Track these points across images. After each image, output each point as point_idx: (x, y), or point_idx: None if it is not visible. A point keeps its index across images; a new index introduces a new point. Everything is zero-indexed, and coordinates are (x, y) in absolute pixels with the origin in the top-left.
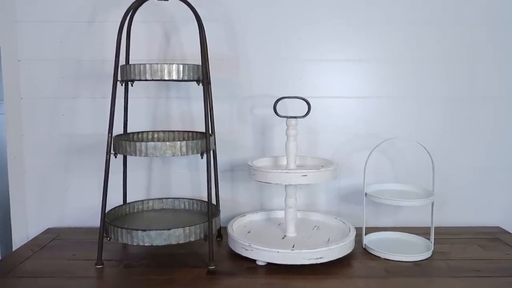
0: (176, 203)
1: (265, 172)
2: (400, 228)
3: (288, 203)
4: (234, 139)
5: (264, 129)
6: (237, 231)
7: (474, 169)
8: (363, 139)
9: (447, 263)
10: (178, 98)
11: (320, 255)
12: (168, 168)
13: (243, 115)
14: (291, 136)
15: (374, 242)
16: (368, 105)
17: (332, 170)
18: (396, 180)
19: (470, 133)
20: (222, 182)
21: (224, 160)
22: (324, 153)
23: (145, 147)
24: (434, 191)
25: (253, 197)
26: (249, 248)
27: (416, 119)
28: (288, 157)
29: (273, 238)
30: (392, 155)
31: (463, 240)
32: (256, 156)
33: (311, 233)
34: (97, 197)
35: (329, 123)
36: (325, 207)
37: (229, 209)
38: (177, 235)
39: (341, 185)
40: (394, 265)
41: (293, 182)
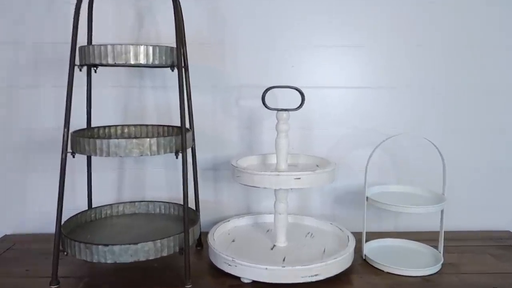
0: (150, 207)
1: (251, 174)
2: (403, 233)
3: (278, 208)
4: (218, 135)
5: (251, 123)
6: (220, 240)
7: (481, 169)
8: (363, 134)
9: (459, 278)
10: (153, 87)
11: (316, 271)
12: (142, 167)
13: (228, 107)
14: (282, 132)
15: (375, 252)
16: (369, 96)
17: (329, 172)
18: (399, 181)
19: (478, 129)
20: (204, 183)
21: (206, 157)
22: (319, 150)
23: (107, 145)
24: (444, 194)
25: (239, 199)
26: (232, 263)
27: (421, 113)
28: (279, 156)
29: (260, 249)
30: (395, 153)
31: (472, 248)
32: (242, 153)
33: (304, 242)
34: None
35: (325, 116)
36: (318, 210)
37: (211, 213)
38: (146, 250)
39: (336, 185)
40: (400, 281)
41: (285, 186)
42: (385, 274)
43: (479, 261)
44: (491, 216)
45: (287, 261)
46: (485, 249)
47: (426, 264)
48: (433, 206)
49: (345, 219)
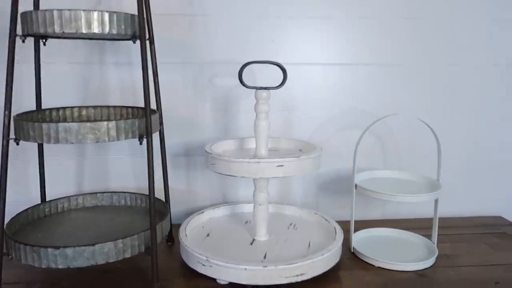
0: (114, 198)
1: (228, 161)
2: (391, 221)
3: (258, 199)
4: (189, 117)
5: (227, 104)
6: (193, 234)
7: (472, 153)
8: (349, 116)
9: (456, 272)
10: (117, 64)
11: (301, 270)
12: (104, 153)
13: (201, 86)
14: (261, 113)
15: (364, 244)
16: (357, 74)
17: (315, 158)
18: (387, 166)
19: (470, 111)
20: (174, 170)
21: (176, 143)
22: (301, 133)
23: (55, 130)
24: (439, 180)
25: (214, 188)
26: (206, 263)
27: (412, 93)
28: (258, 140)
29: (239, 244)
30: (383, 136)
31: (466, 237)
32: (217, 138)
33: (287, 235)
34: (11, 193)
35: (309, 96)
36: (301, 198)
37: (184, 203)
38: (106, 252)
39: (320, 171)
40: (393, 277)
41: (266, 175)
42: (376, 269)
43: (475, 252)
44: (482, 201)
45: (269, 259)
46: (479, 238)
47: (420, 257)
48: (428, 194)
49: (330, 208)
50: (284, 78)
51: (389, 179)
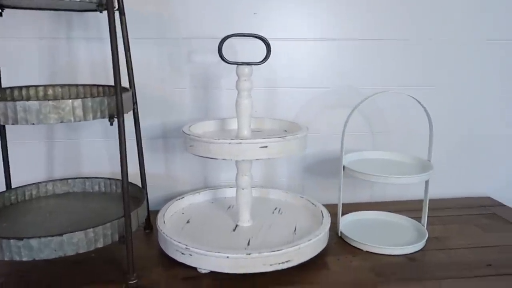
0: (87, 184)
1: (207, 142)
2: (379, 204)
3: (241, 183)
4: (166, 96)
5: (207, 82)
6: (172, 221)
7: (460, 132)
8: (336, 94)
9: (447, 255)
10: (87, 39)
11: (287, 257)
12: (76, 136)
13: (178, 63)
14: (243, 91)
15: (352, 227)
16: (345, 50)
17: (301, 138)
18: (376, 147)
19: (459, 89)
20: (152, 154)
21: (153, 124)
22: (286, 113)
23: (13, 109)
24: (431, 161)
25: (194, 171)
26: (186, 251)
27: (403, 69)
28: (240, 120)
29: (221, 230)
30: (372, 115)
31: (456, 219)
32: (197, 118)
33: (271, 220)
34: None
35: (294, 73)
36: (286, 181)
37: (162, 189)
38: (75, 243)
39: (306, 153)
40: (382, 261)
41: (248, 157)
42: (365, 254)
43: (465, 234)
44: (470, 182)
45: (253, 245)
46: (469, 219)
47: (410, 240)
48: (419, 176)
49: (317, 190)
50: (268, 53)
51: (378, 160)
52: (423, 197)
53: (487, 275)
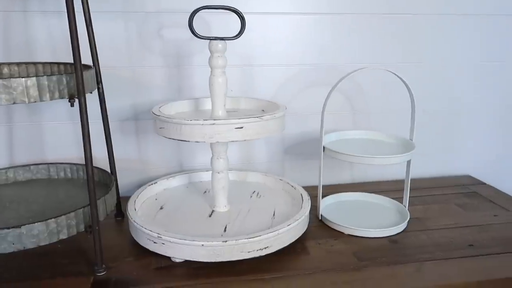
0: (52, 171)
1: (178, 124)
2: (360, 185)
3: (216, 166)
4: (136, 76)
5: (179, 60)
6: (145, 208)
7: (438, 109)
8: (315, 72)
9: (429, 236)
10: (44, 13)
11: (265, 243)
12: (39, 119)
13: (148, 40)
14: (217, 68)
15: (332, 210)
16: (324, 24)
17: (279, 118)
18: (357, 126)
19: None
20: (123, 137)
21: (124, 105)
22: (264, 92)
23: None
24: (413, 140)
25: (168, 155)
26: (158, 240)
27: (383, 46)
28: (214, 99)
29: (196, 216)
30: (352, 93)
31: (436, 198)
32: (170, 98)
33: (249, 204)
34: None
35: (271, 50)
36: (265, 163)
37: (135, 174)
38: (36, 235)
39: (285, 133)
40: (364, 244)
41: (223, 139)
42: (346, 237)
43: (447, 213)
44: (449, 160)
45: (229, 232)
46: (449, 198)
47: (391, 222)
48: (401, 155)
49: (297, 172)
50: (242, 27)
51: (359, 139)
52: (404, 177)
53: (469, 256)
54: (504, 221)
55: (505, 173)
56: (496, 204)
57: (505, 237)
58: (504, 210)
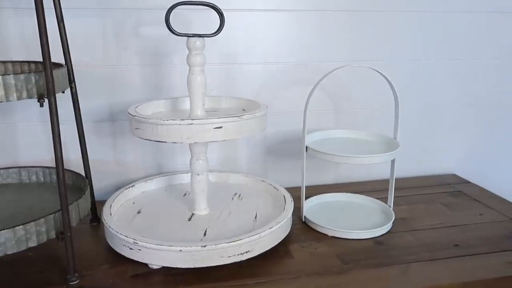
0: (23, 175)
1: (154, 124)
2: (345, 185)
3: (196, 168)
4: (113, 75)
5: (157, 58)
6: (121, 213)
7: (422, 107)
8: (298, 70)
9: (415, 237)
10: (16, 9)
11: (246, 247)
12: (9, 120)
13: (124, 37)
14: (195, 66)
15: (316, 211)
16: (306, 21)
17: (260, 117)
18: (340, 125)
19: (422, 59)
20: (99, 138)
21: (100, 105)
22: (245, 91)
23: None
24: (397, 139)
25: (147, 156)
26: (134, 246)
27: (365, 43)
28: (193, 98)
29: (175, 220)
30: (335, 92)
31: (421, 198)
32: (148, 98)
33: (230, 207)
34: None
35: (252, 48)
36: (247, 164)
37: (113, 176)
38: (2, 242)
39: (267, 133)
40: (349, 247)
41: (202, 139)
42: (330, 239)
43: (432, 213)
44: (434, 159)
45: (209, 236)
46: (435, 198)
47: (376, 223)
48: (385, 155)
49: (279, 173)
50: (221, 24)
51: (342, 139)
52: (389, 176)
53: (455, 256)
54: (490, 220)
55: (489, 171)
56: (481, 202)
57: (491, 236)
58: (489, 209)
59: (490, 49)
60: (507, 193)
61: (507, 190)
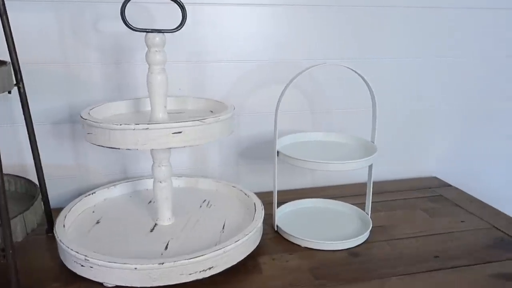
0: None
1: (106, 129)
2: (321, 189)
3: (158, 175)
4: (72, 72)
5: (119, 56)
6: (78, 223)
7: (402, 107)
8: (273, 68)
9: (393, 246)
10: None
11: (210, 263)
12: None
13: (83, 32)
14: (155, 65)
15: (290, 219)
16: (282, 17)
17: (225, 121)
18: (317, 127)
19: (402, 58)
20: (58, 141)
21: (57, 106)
22: (216, 91)
23: None
24: (374, 142)
25: (111, 161)
26: (85, 263)
27: (341, 41)
28: (153, 100)
29: (136, 231)
30: (311, 92)
31: (401, 203)
32: (110, 98)
33: (197, 215)
34: None
35: (223, 45)
36: (219, 168)
37: (74, 182)
38: None
39: (241, 135)
40: (322, 259)
41: (158, 146)
42: (303, 251)
43: (411, 220)
44: (415, 162)
45: (171, 249)
46: (414, 203)
47: (353, 232)
48: (361, 160)
49: (254, 178)
50: (183, 18)
51: (317, 142)
52: (367, 180)
53: (435, 270)
54: (471, 227)
55: (470, 174)
56: (462, 208)
57: (472, 246)
58: (470, 215)
59: (476, 48)
60: (488, 195)
61: (488, 192)
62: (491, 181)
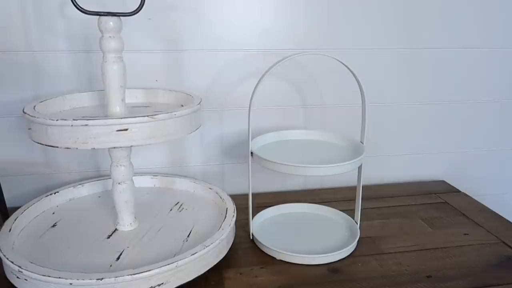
0: None
1: (43, 125)
2: (310, 192)
3: (116, 175)
4: (37, 62)
5: (88, 44)
6: (32, 226)
7: (406, 103)
8: (259, 57)
9: (380, 262)
10: None
11: (159, 279)
12: None
13: (49, 18)
14: (109, 52)
15: (269, 227)
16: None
17: (183, 117)
18: (308, 124)
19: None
20: (24, 135)
21: (23, 97)
22: (196, 82)
23: None
24: (363, 143)
25: (82, 157)
26: (20, 275)
27: (334, 27)
28: (109, 92)
29: (91, 238)
30: (302, 84)
31: (399, 211)
32: (79, 89)
33: (164, 221)
34: None
35: (203, 32)
36: (201, 166)
37: (42, 180)
38: None
39: (224, 132)
40: (296, 274)
41: (100, 145)
42: (277, 264)
43: (407, 231)
44: (420, 163)
45: (123, 260)
46: (415, 211)
47: (337, 243)
48: (349, 163)
49: (237, 177)
50: (142, 1)
51: (301, 141)
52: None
53: None
54: (475, 242)
55: (483, 178)
56: (468, 218)
57: (473, 264)
58: (477, 227)
59: (490, 37)
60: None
61: (502, 201)
62: (507, 188)
